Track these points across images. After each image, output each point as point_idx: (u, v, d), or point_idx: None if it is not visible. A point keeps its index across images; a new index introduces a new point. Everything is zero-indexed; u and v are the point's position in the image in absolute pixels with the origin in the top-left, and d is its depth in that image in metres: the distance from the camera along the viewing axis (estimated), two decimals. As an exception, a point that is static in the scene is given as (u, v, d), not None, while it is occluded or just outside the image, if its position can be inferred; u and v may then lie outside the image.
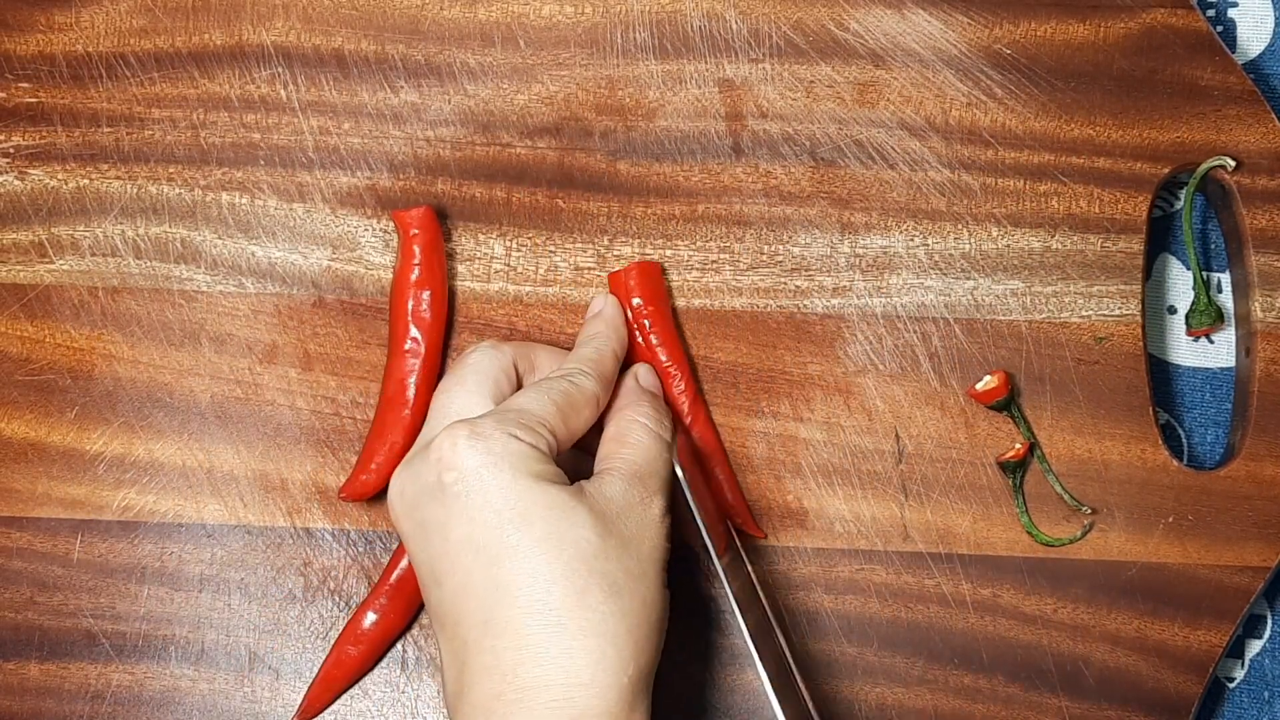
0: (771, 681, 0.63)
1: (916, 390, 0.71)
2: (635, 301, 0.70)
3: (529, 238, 0.72)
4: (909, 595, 0.70)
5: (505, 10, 0.73)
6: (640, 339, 0.70)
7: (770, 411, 0.71)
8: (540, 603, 0.57)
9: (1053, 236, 0.72)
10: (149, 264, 0.72)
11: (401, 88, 0.73)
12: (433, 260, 0.70)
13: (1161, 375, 0.76)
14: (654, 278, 0.71)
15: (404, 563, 0.68)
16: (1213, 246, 0.76)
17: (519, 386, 0.65)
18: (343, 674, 0.69)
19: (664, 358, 0.70)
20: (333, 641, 0.70)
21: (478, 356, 0.65)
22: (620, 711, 0.56)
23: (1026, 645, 0.70)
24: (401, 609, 0.69)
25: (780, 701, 0.62)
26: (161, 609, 0.70)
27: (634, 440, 0.64)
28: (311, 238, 0.72)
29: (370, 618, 0.68)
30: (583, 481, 0.61)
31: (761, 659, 0.63)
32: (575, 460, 0.65)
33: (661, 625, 0.60)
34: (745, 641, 0.64)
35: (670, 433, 0.65)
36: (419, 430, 0.67)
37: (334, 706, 0.70)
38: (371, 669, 0.69)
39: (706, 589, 0.70)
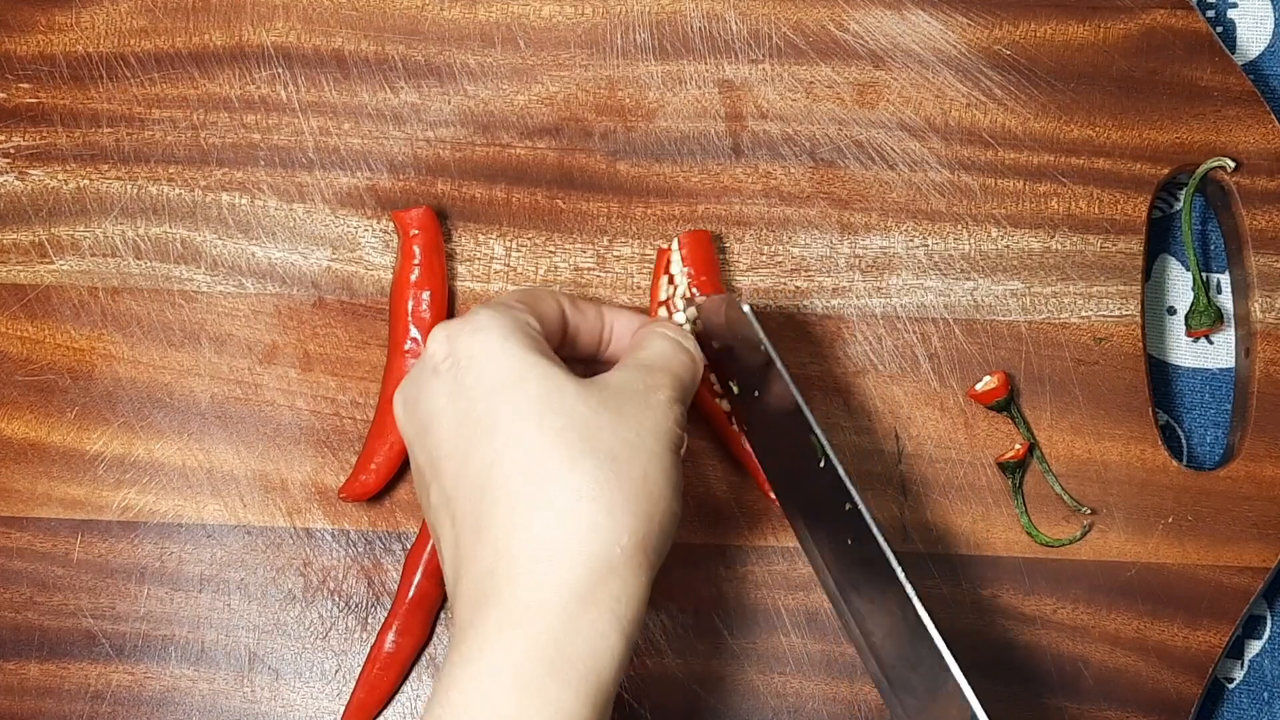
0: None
1: (916, 391, 0.71)
2: (688, 271, 0.70)
3: (529, 238, 0.72)
4: (908, 596, 0.70)
5: (505, 11, 0.73)
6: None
7: (770, 412, 0.71)
8: (533, 469, 0.56)
9: (1052, 237, 0.72)
10: (149, 264, 0.72)
11: (401, 88, 0.73)
12: (433, 261, 0.70)
13: (1161, 376, 0.76)
14: (705, 247, 0.70)
15: (418, 577, 0.68)
16: (1212, 247, 0.76)
17: (567, 335, 0.65)
18: (375, 699, 0.69)
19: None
20: (332, 642, 0.70)
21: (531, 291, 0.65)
22: (611, 582, 0.55)
23: (1026, 646, 0.70)
24: (422, 622, 0.69)
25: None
26: (161, 609, 0.70)
27: (648, 344, 0.64)
28: (311, 238, 0.72)
29: (391, 638, 0.69)
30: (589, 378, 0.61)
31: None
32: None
33: (667, 503, 0.58)
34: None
35: (693, 346, 0.64)
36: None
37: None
38: (400, 687, 0.69)
39: (707, 589, 0.70)
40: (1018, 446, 0.70)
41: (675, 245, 0.70)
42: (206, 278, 0.72)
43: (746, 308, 0.64)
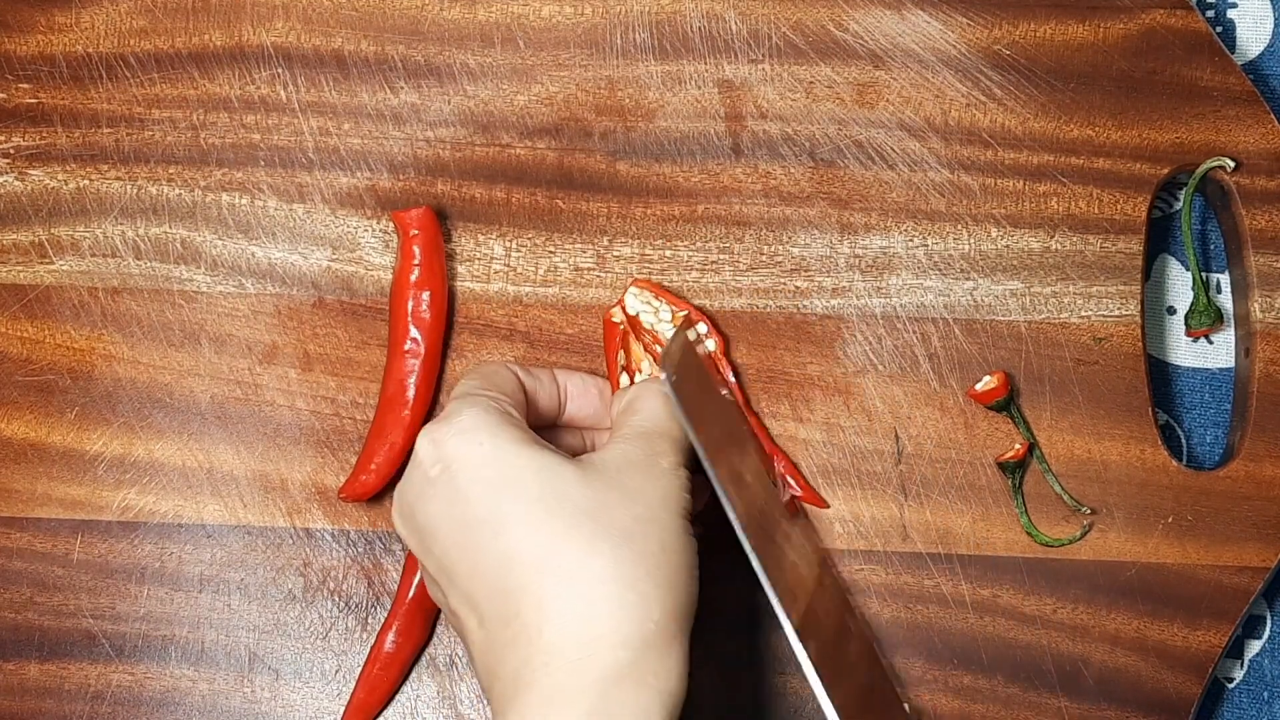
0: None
1: (916, 391, 0.71)
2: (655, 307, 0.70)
3: (529, 238, 0.72)
4: (908, 595, 0.70)
5: (505, 11, 0.73)
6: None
7: (770, 412, 0.71)
8: (549, 561, 0.56)
9: (1052, 237, 0.72)
10: (149, 264, 0.72)
11: (401, 88, 0.73)
12: (432, 261, 0.70)
13: (1161, 376, 0.76)
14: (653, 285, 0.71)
15: (418, 578, 0.68)
16: (1212, 247, 0.76)
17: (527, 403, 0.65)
18: (375, 699, 0.69)
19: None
20: (332, 642, 0.70)
21: (482, 370, 0.65)
22: (650, 657, 0.55)
23: (1026, 645, 0.70)
24: (422, 622, 0.69)
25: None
26: (161, 609, 0.70)
27: (641, 406, 0.64)
28: (311, 238, 0.72)
29: (391, 638, 0.69)
30: (583, 456, 0.61)
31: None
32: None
33: (688, 569, 0.58)
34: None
35: None
36: (418, 430, 0.67)
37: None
38: (400, 687, 0.69)
39: (706, 589, 0.70)
40: (1018, 446, 0.70)
41: (635, 294, 0.70)
42: (206, 278, 0.72)
43: (668, 389, 0.62)
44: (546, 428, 0.67)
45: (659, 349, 0.69)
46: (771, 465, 0.70)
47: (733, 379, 0.71)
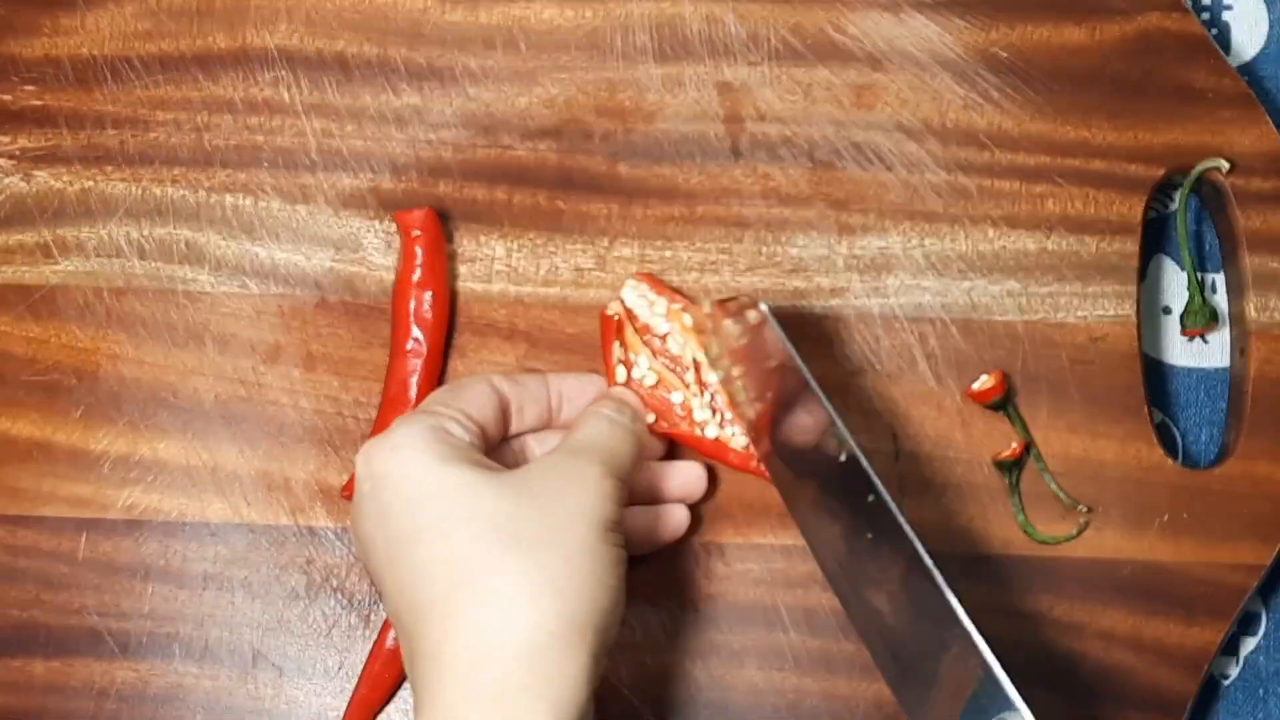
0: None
1: (913, 390, 0.72)
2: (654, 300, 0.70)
3: (530, 239, 0.73)
4: (906, 593, 0.70)
5: (506, 14, 0.74)
6: None
7: (769, 411, 0.71)
8: (457, 576, 0.56)
9: (1048, 238, 0.73)
10: (153, 265, 0.72)
11: (404, 90, 0.73)
12: (435, 261, 0.70)
13: (1156, 375, 0.76)
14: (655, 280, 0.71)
15: None
16: (1207, 248, 0.77)
17: (506, 418, 0.66)
18: (378, 695, 0.69)
19: None
20: (335, 639, 0.70)
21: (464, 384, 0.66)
22: (543, 668, 0.55)
23: (1021, 643, 0.70)
24: None
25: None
26: (166, 607, 0.70)
27: (580, 424, 0.65)
28: (315, 239, 0.72)
29: (393, 635, 0.69)
30: (510, 470, 0.61)
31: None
32: None
33: (599, 579, 0.58)
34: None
35: (630, 419, 0.65)
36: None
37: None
38: (402, 684, 0.70)
39: (706, 588, 0.71)
40: (1014, 445, 0.71)
41: (633, 287, 0.70)
42: (210, 278, 0.72)
43: (764, 307, 0.64)
44: (541, 431, 0.68)
45: (656, 342, 0.69)
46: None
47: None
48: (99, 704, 0.70)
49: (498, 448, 0.66)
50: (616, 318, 0.70)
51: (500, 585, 0.56)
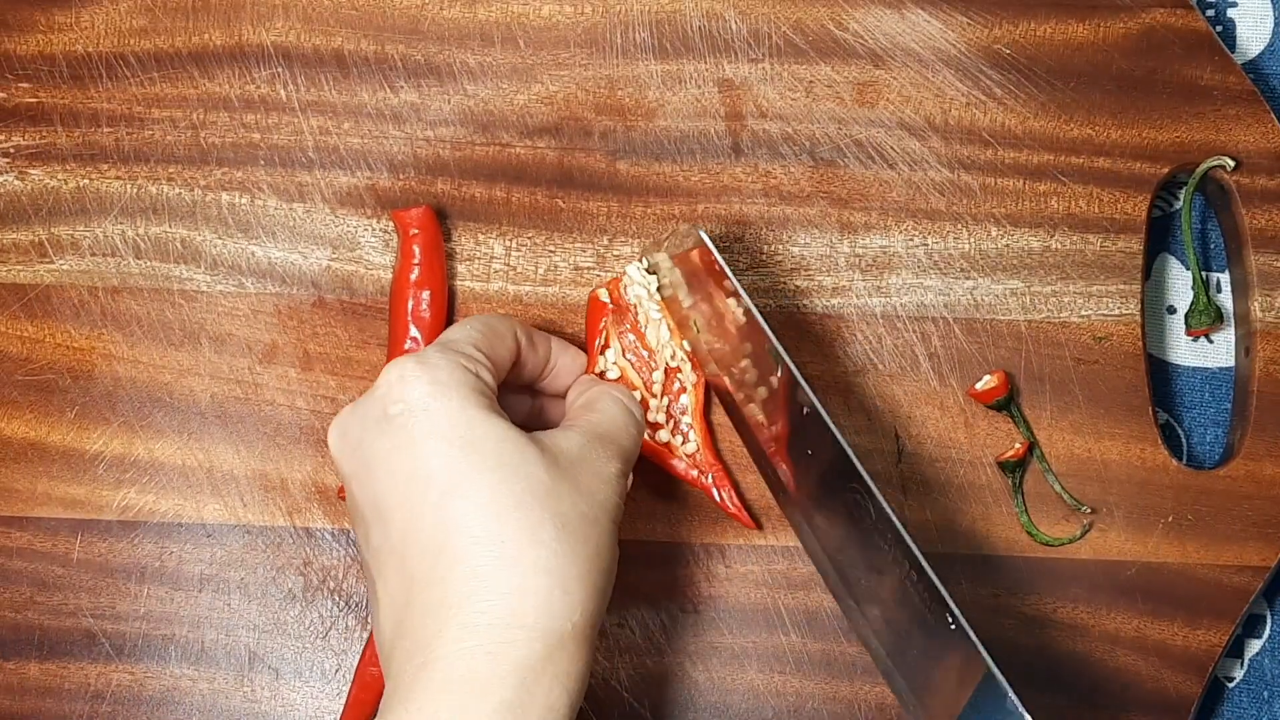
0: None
1: (916, 390, 0.71)
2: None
3: (529, 237, 0.72)
4: (908, 595, 0.70)
5: (505, 10, 0.73)
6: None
7: (770, 411, 0.71)
8: (493, 534, 0.55)
9: (1052, 236, 0.72)
10: (149, 264, 0.72)
11: (401, 88, 0.73)
12: (432, 260, 0.70)
13: (1161, 375, 0.76)
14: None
15: None
16: (1212, 246, 0.76)
17: (517, 363, 0.65)
18: (371, 696, 0.69)
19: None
20: (332, 641, 0.70)
21: (485, 317, 0.65)
22: (563, 656, 0.55)
23: (1025, 645, 0.70)
24: None
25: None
26: (161, 608, 0.70)
27: (601, 407, 0.64)
28: (311, 237, 0.72)
29: None
30: (537, 433, 0.60)
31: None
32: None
33: (610, 578, 0.58)
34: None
35: (640, 414, 0.65)
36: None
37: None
38: None
39: (707, 589, 0.70)
40: (1017, 445, 0.70)
41: (638, 268, 0.70)
42: (206, 277, 0.72)
43: (703, 233, 0.64)
44: (524, 388, 0.68)
45: (629, 337, 0.69)
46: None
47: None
48: (94, 706, 0.69)
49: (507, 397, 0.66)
50: (609, 306, 0.70)
51: (537, 562, 0.55)
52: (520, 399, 0.68)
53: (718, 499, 0.69)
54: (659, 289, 0.69)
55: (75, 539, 0.70)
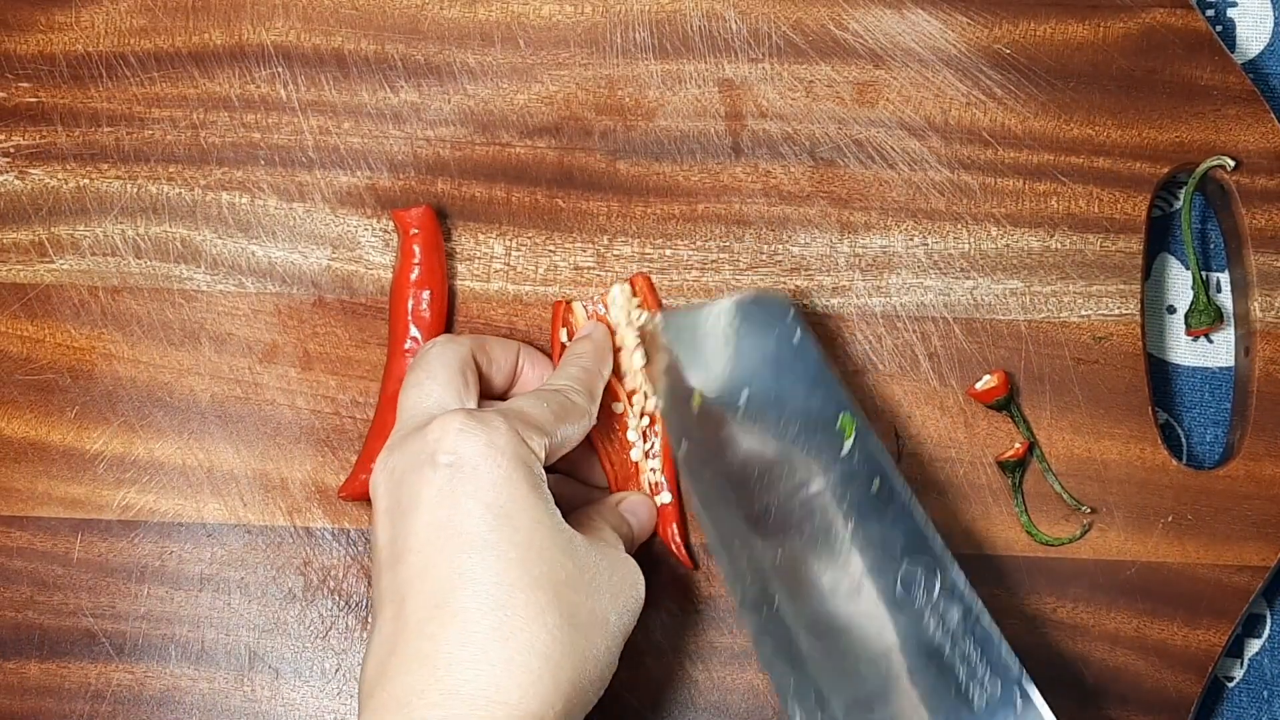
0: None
1: (916, 390, 0.71)
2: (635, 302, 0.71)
3: (529, 237, 0.72)
4: (908, 594, 0.70)
5: (505, 10, 0.73)
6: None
7: (770, 411, 0.71)
8: (497, 602, 0.55)
9: (1052, 236, 0.72)
10: (149, 263, 0.72)
11: (401, 87, 0.73)
12: (432, 260, 0.70)
13: (1161, 375, 0.76)
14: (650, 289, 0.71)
15: None
16: (1212, 246, 0.76)
17: (480, 379, 0.65)
18: None
19: None
20: (332, 641, 0.70)
21: (439, 349, 0.64)
22: None
23: (1025, 645, 0.70)
24: None
25: None
26: (161, 608, 0.70)
27: (641, 513, 0.66)
28: (311, 237, 0.72)
29: None
30: (585, 531, 0.61)
31: None
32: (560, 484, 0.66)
33: (600, 687, 0.58)
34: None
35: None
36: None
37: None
38: None
39: (706, 589, 0.70)
40: (1017, 445, 0.70)
41: (623, 290, 0.70)
42: (206, 277, 0.72)
43: (659, 319, 0.66)
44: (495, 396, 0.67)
45: (621, 357, 0.70)
46: None
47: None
48: (94, 706, 0.69)
49: None
50: (566, 301, 0.70)
51: (534, 644, 0.55)
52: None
53: (663, 532, 0.69)
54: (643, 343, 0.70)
55: (75, 539, 0.70)
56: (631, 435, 0.69)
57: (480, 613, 0.55)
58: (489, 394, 0.66)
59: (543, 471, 0.60)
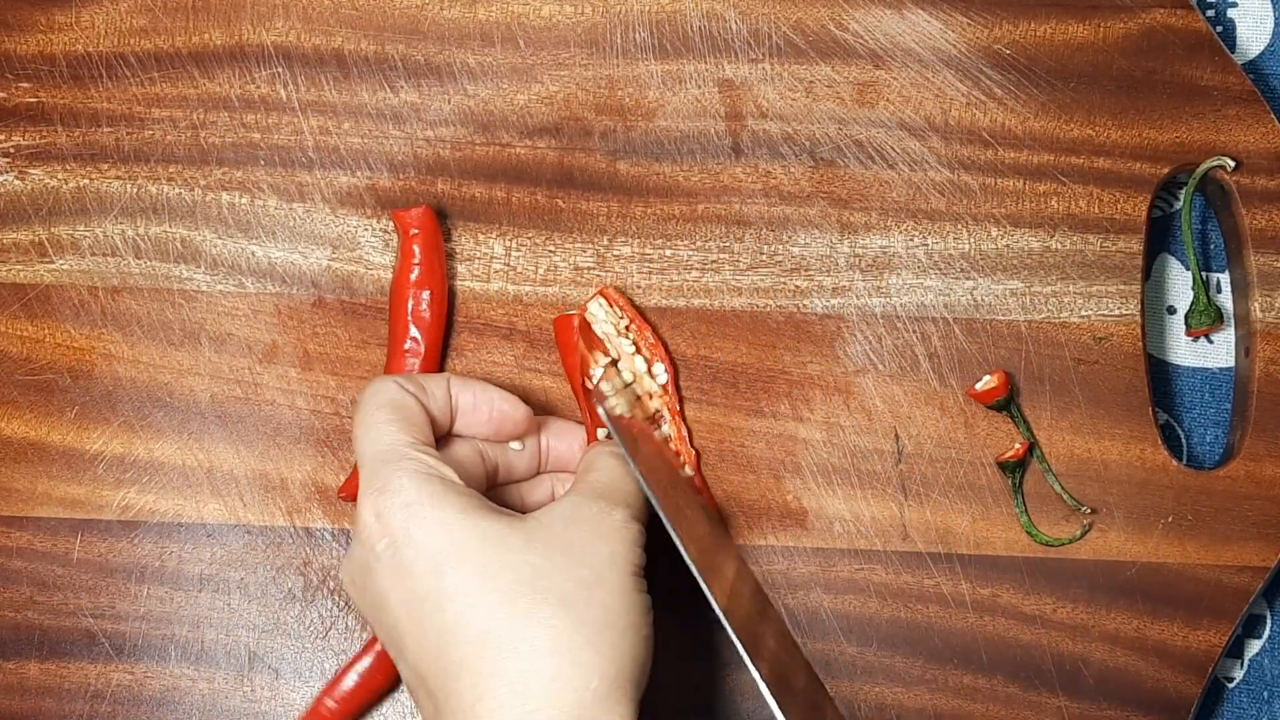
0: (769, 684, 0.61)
1: (916, 390, 0.71)
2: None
3: (529, 237, 0.72)
4: (908, 595, 0.70)
5: (505, 10, 0.73)
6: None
7: (770, 411, 0.71)
8: (486, 632, 0.56)
9: (1052, 236, 0.72)
10: (149, 263, 0.72)
11: (401, 88, 0.73)
12: (432, 260, 0.70)
13: (1161, 375, 0.76)
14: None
15: None
16: (1212, 246, 0.76)
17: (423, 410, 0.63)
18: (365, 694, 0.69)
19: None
20: (332, 642, 0.70)
21: (372, 390, 0.63)
22: None
23: (1026, 645, 0.70)
24: (388, 669, 0.69)
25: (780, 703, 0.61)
26: (161, 608, 0.70)
27: (599, 465, 0.64)
28: (311, 237, 0.72)
29: (352, 679, 0.68)
30: (532, 512, 0.60)
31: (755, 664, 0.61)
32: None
33: (635, 629, 0.58)
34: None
35: None
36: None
37: None
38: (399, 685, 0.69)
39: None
40: (1017, 446, 0.70)
41: (600, 304, 0.70)
42: (206, 277, 0.72)
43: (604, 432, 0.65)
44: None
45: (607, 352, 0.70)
46: (702, 497, 0.70)
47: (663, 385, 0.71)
48: (94, 706, 0.69)
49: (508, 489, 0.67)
50: (580, 320, 0.70)
51: (535, 644, 0.55)
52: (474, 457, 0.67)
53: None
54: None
55: (75, 539, 0.70)
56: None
57: (476, 650, 0.56)
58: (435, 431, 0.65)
59: (454, 476, 0.59)
